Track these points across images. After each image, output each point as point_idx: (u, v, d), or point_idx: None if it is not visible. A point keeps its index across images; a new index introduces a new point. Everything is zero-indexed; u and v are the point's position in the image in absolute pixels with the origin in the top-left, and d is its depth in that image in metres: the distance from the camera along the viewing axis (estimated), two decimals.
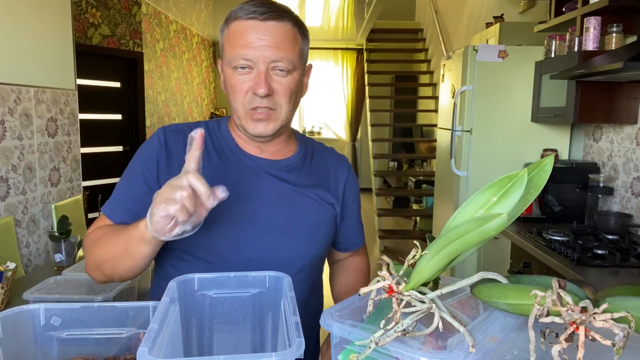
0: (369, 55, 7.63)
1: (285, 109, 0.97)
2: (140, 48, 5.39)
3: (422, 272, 0.60)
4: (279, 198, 1.00)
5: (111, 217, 0.97)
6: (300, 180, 1.04)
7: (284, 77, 0.93)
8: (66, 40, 3.06)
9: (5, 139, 2.51)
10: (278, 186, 1.01)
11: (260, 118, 0.95)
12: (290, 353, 0.57)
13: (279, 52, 0.91)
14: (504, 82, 3.02)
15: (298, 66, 0.96)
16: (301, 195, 1.02)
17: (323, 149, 1.16)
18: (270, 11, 0.92)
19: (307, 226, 1.01)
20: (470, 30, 5.19)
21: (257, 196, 0.99)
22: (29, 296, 1.25)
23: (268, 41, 0.91)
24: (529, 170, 0.61)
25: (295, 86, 0.96)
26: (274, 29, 0.92)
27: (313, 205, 1.03)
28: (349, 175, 1.14)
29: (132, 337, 0.83)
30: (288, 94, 0.95)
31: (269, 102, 0.94)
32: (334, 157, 1.15)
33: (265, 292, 0.83)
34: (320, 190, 1.05)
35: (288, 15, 0.94)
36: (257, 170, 1.01)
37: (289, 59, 0.92)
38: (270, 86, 0.93)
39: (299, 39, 0.96)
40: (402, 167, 7.80)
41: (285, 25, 0.93)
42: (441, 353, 0.52)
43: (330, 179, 1.09)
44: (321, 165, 1.10)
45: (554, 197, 2.60)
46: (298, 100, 1.00)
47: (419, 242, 0.62)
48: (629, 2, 2.22)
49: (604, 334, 0.48)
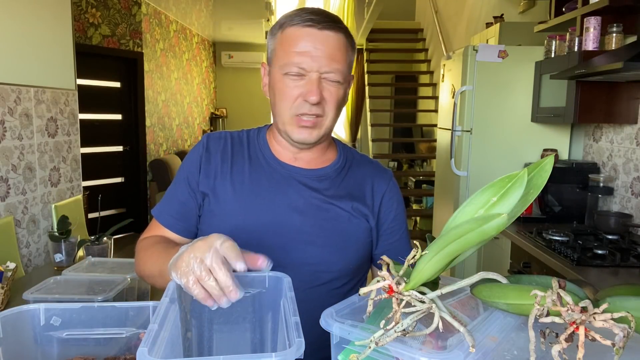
0: (369, 55, 7.62)
1: (330, 118, 0.98)
2: (140, 48, 5.39)
3: (422, 272, 0.60)
4: (307, 207, 1.00)
5: (159, 220, 1.04)
6: (332, 190, 1.02)
7: (334, 87, 0.95)
8: (66, 40, 3.06)
9: (5, 139, 2.51)
10: (307, 195, 1.01)
11: (306, 125, 0.97)
12: (290, 353, 0.57)
13: (333, 64, 0.93)
14: (504, 82, 3.02)
15: (347, 77, 0.97)
16: (330, 205, 1.00)
17: (364, 160, 1.11)
18: (327, 20, 0.93)
19: (334, 237, 1.00)
20: (470, 30, 5.19)
21: (285, 204, 0.99)
22: (29, 296, 1.25)
23: (324, 51, 0.92)
24: (529, 170, 0.61)
25: (342, 97, 0.98)
26: (330, 39, 0.93)
27: (342, 215, 1.01)
28: (389, 190, 1.08)
29: (132, 337, 0.83)
30: (336, 103, 0.97)
31: (318, 110, 0.95)
32: (374, 169, 1.10)
33: (265, 293, 0.83)
34: (354, 201, 1.02)
35: (342, 27, 0.96)
36: (288, 178, 1.02)
37: (341, 71, 0.94)
38: (322, 94, 0.94)
39: (349, 51, 0.97)
40: (402, 167, 7.80)
41: (340, 36, 0.94)
42: (441, 353, 0.52)
43: (366, 191, 1.06)
44: (358, 176, 1.07)
45: (554, 197, 2.60)
46: (341, 110, 1.01)
47: (419, 242, 0.62)
48: (629, 2, 2.22)
49: (604, 334, 0.48)
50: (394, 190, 1.09)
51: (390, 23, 7.74)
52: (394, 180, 1.11)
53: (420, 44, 7.63)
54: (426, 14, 7.29)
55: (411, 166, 7.55)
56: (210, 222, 1.00)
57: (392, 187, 1.09)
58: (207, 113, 8.08)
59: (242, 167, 1.02)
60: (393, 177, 1.12)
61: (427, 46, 7.41)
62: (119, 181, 5.40)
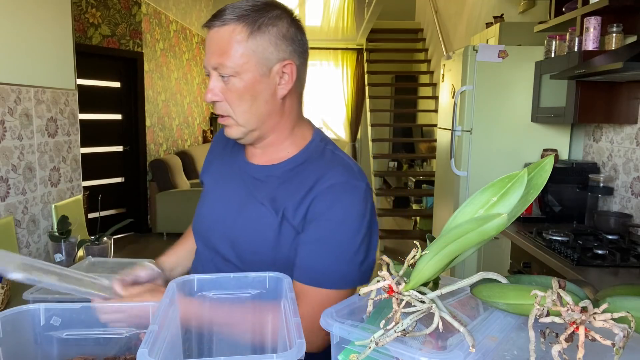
0: (369, 55, 7.62)
1: (240, 114, 0.94)
2: (140, 48, 5.39)
3: (422, 272, 0.60)
4: (240, 204, 1.01)
5: None
6: (268, 190, 0.98)
7: (230, 81, 0.92)
8: (66, 40, 3.06)
9: (5, 139, 2.51)
10: (243, 192, 1.02)
11: (223, 124, 0.99)
12: (291, 354, 0.57)
13: (217, 59, 0.91)
14: (504, 82, 3.02)
15: (245, 68, 0.91)
16: (261, 205, 0.97)
17: (326, 164, 0.96)
18: (219, 16, 0.92)
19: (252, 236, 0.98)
20: (470, 30, 5.19)
21: (231, 198, 1.04)
22: (29, 296, 1.25)
23: (212, 49, 0.92)
24: (529, 170, 0.61)
25: (244, 89, 0.92)
26: (215, 35, 0.92)
27: (266, 217, 0.96)
28: (320, 197, 0.91)
29: (132, 337, 0.83)
30: (238, 97, 0.93)
31: (219, 109, 0.96)
32: (325, 171, 0.94)
33: (265, 293, 0.83)
34: (286, 206, 0.94)
35: (233, 17, 0.90)
36: (241, 174, 1.04)
37: (227, 65, 0.90)
38: (215, 93, 0.94)
39: (243, 39, 0.90)
40: (402, 167, 7.80)
41: (228, 28, 0.90)
42: (441, 353, 0.52)
43: (302, 198, 0.93)
44: (303, 180, 0.95)
45: (554, 197, 2.60)
46: (261, 104, 0.94)
47: (419, 242, 0.62)
48: (629, 2, 2.22)
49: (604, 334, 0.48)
50: (327, 199, 0.91)
51: (390, 23, 7.74)
52: (341, 187, 0.91)
53: (420, 44, 7.63)
54: (426, 14, 7.29)
55: (411, 166, 7.55)
56: (197, 209, 1.14)
57: (328, 194, 0.91)
58: (207, 113, 8.08)
59: (222, 162, 1.11)
60: (345, 184, 0.92)
61: (427, 46, 7.41)
62: (119, 181, 5.40)
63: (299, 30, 0.96)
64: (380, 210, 5.77)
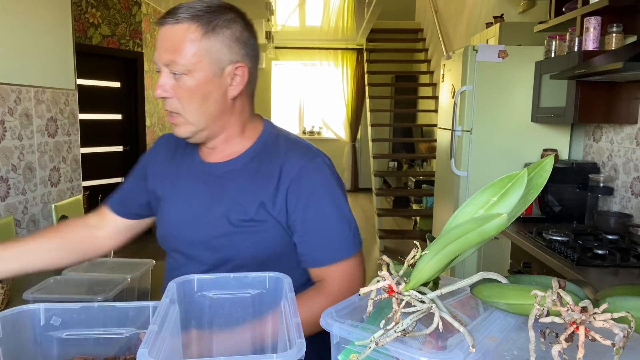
0: (369, 55, 7.63)
1: (191, 112, 0.94)
2: (140, 48, 5.39)
3: (422, 272, 0.60)
4: (209, 202, 1.01)
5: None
6: (235, 184, 0.99)
7: (181, 79, 0.92)
8: (66, 40, 3.06)
9: (5, 139, 2.51)
10: (206, 191, 1.02)
11: (172, 122, 0.98)
12: (291, 354, 0.57)
13: (169, 55, 0.91)
14: (504, 82, 3.02)
15: (198, 67, 0.91)
16: (225, 201, 0.99)
17: (283, 148, 1.01)
18: (173, 13, 0.92)
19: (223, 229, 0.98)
20: (470, 30, 5.19)
21: (195, 200, 1.03)
22: (29, 296, 1.25)
23: (163, 46, 0.92)
24: (529, 170, 0.61)
25: (196, 87, 0.92)
26: (168, 32, 0.92)
27: (235, 210, 0.97)
28: (295, 179, 0.96)
29: (132, 337, 0.83)
30: (189, 95, 0.93)
31: (168, 106, 0.96)
32: (287, 156, 0.99)
33: (265, 293, 0.83)
34: (257, 198, 0.97)
35: (189, 17, 0.91)
36: (200, 174, 1.04)
37: (180, 62, 0.91)
38: (166, 89, 0.93)
39: (196, 39, 0.91)
40: (402, 167, 7.80)
41: (182, 26, 0.91)
42: (441, 353, 0.52)
43: (272, 183, 0.97)
44: (267, 167, 0.99)
45: (554, 197, 2.60)
46: (211, 103, 0.95)
47: (419, 242, 0.62)
48: (629, 2, 2.22)
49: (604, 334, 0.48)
50: (303, 178, 0.96)
51: (390, 23, 7.74)
52: (307, 165, 0.97)
53: (420, 44, 7.63)
54: (426, 14, 7.29)
55: (411, 166, 7.55)
56: (158, 218, 1.10)
57: (301, 174, 0.96)
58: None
59: (174, 165, 1.08)
60: (310, 161, 0.98)
61: (427, 46, 7.41)
62: (119, 181, 5.39)
63: (252, 34, 0.99)
64: (380, 210, 5.77)
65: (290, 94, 8.83)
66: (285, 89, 8.81)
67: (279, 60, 8.64)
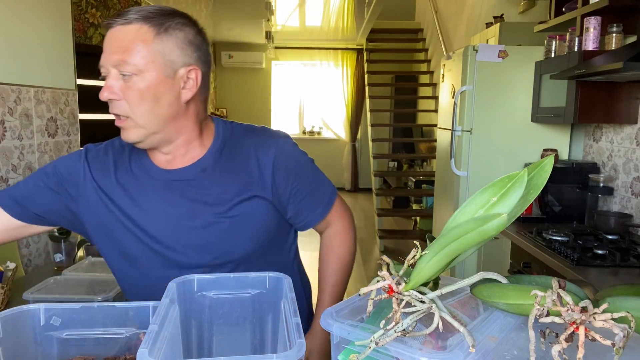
0: (369, 55, 7.62)
1: (141, 115, 0.91)
2: None
3: (422, 272, 0.60)
4: (186, 211, 0.98)
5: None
6: (212, 182, 0.99)
7: (130, 80, 0.90)
8: (66, 40, 3.06)
9: (5, 139, 2.51)
10: (182, 199, 0.98)
11: (120, 126, 0.95)
12: (291, 354, 0.57)
13: (119, 56, 0.89)
14: (504, 82, 3.02)
15: (149, 68, 0.90)
16: (214, 197, 0.98)
17: (246, 134, 1.05)
18: (119, 17, 0.91)
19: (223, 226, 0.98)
20: (470, 30, 5.19)
21: (172, 210, 0.98)
22: (29, 296, 1.25)
23: (111, 46, 0.90)
24: (529, 170, 0.61)
25: (147, 89, 0.90)
26: (118, 33, 0.90)
27: (227, 200, 0.98)
28: (277, 158, 1.01)
29: (132, 337, 0.83)
30: (137, 98, 0.90)
31: (116, 109, 0.93)
32: (256, 141, 1.03)
33: (265, 293, 0.83)
34: (241, 185, 0.99)
35: (141, 18, 0.90)
36: (164, 184, 0.99)
37: (130, 63, 0.89)
38: (113, 91, 0.91)
39: (148, 39, 0.90)
40: (402, 167, 7.79)
41: (133, 26, 0.90)
42: (441, 353, 0.52)
43: (252, 167, 1.00)
44: (239, 155, 1.01)
45: (554, 197, 2.60)
46: (163, 105, 0.93)
47: (419, 242, 0.62)
48: (629, 2, 2.22)
49: (604, 334, 0.48)
50: (283, 155, 1.02)
51: (390, 23, 7.73)
52: (280, 144, 1.04)
53: (420, 44, 7.63)
54: (426, 14, 7.29)
55: (411, 166, 7.55)
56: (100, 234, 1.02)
57: (280, 152, 1.02)
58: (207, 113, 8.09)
59: (130, 175, 1.01)
60: (280, 140, 1.05)
61: (427, 46, 7.40)
62: None
63: (204, 40, 0.98)
64: (380, 210, 5.77)
65: (290, 94, 8.83)
66: (285, 89, 8.81)
67: (279, 60, 8.63)
